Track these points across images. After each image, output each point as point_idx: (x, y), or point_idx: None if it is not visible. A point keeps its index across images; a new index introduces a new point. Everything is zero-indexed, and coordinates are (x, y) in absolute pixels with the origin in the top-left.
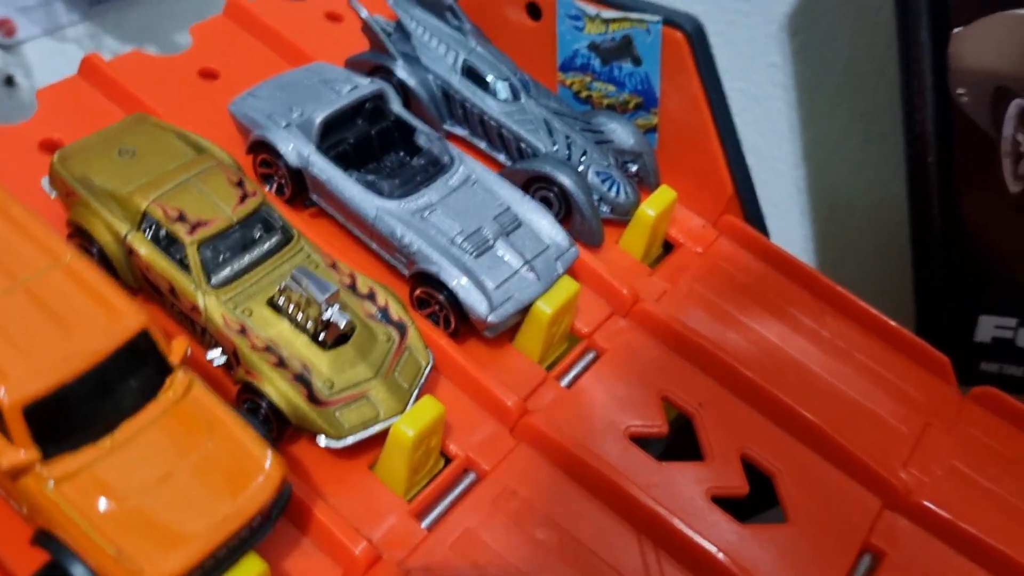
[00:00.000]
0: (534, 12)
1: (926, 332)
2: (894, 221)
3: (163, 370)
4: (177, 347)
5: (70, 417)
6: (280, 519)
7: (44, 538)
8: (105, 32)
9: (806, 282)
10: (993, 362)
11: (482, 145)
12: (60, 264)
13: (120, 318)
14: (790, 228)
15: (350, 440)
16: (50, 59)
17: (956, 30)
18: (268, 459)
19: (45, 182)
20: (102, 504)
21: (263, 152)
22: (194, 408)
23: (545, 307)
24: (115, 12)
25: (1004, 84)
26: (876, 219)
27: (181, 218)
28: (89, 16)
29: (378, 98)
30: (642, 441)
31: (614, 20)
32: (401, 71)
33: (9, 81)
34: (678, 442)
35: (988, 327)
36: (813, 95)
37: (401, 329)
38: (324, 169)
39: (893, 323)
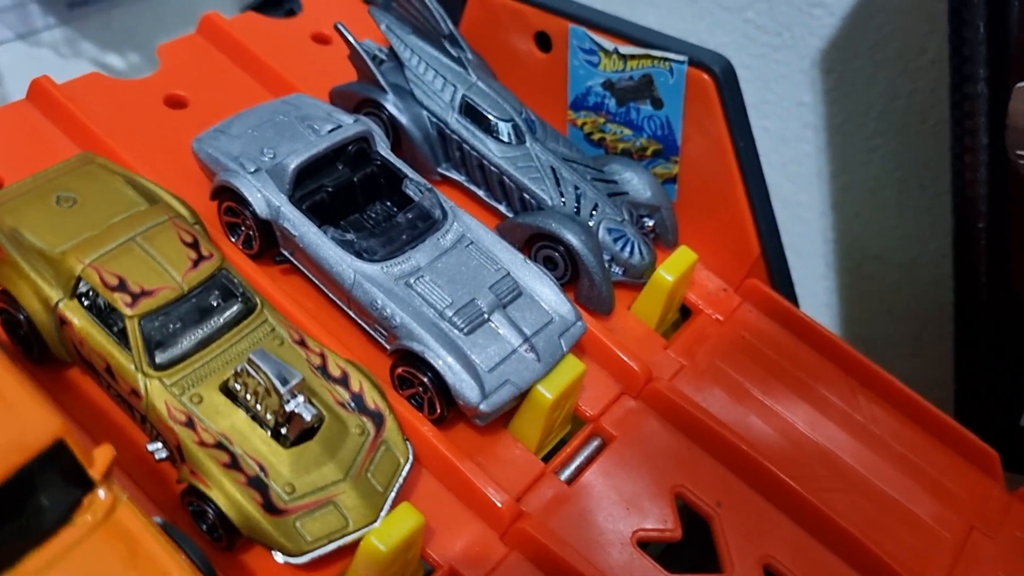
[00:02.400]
0: (544, 43)
1: (966, 410)
2: (930, 279)
3: (81, 486)
4: (100, 458)
5: None
6: None
7: None
8: (84, 37)
9: (837, 358)
10: None
11: (481, 193)
12: None
13: (29, 427)
14: (814, 280)
15: (312, 556)
16: (23, 65)
17: (1019, 85)
18: None
19: None
20: None
21: (229, 199)
22: (117, 535)
23: (546, 393)
24: (96, 16)
25: None
26: (911, 276)
27: (121, 286)
28: (67, 20)
29: (362, 140)
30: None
31: (633, 57)
32: (391, 106)
33: None
34: (686, 538)
35: None
36: (846, 139)
37: (377, 420)
38: (296, 223)
39: (935, 409)
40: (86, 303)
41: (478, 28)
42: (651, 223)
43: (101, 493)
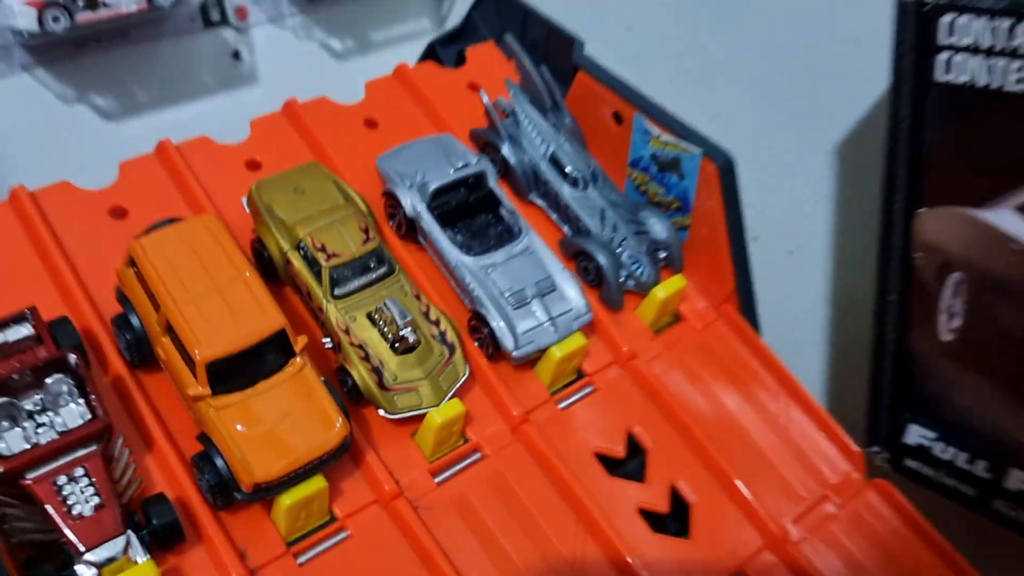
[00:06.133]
0: (619, 119)
1: (871, 426)
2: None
3: (289, 353)
4: (300, 340)
5: (232, 373)
6: (342, 456)
7: (203, 438)
8: (316, 25)
9: (773, 370)
10: (914, 461)
11: (554, 216)
12: (241, 277)
13: (271, 318)
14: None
15: (400, 416)
16: (270, 42)
17: (920, 210)
18: (339, 421)
19: (244, 200)
20: (239, 427)
21: (391, 199)
22: (303, 381)
23: (556, 352)
24: (327, 11)
25: (947, 260)
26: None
27: (323, 248)
28: (306, 11)
29: (480, 176)
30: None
31: (669, 143)
32: (506, 150)
33: (236, 55)
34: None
35: (915, 434)
36: (848, 211)
37: (451, 349)
38: (428, 223)
39: (829, 417)
40: (302, 254)
41: (578, 101)
42: (664, 255)
43: (298, 359)
